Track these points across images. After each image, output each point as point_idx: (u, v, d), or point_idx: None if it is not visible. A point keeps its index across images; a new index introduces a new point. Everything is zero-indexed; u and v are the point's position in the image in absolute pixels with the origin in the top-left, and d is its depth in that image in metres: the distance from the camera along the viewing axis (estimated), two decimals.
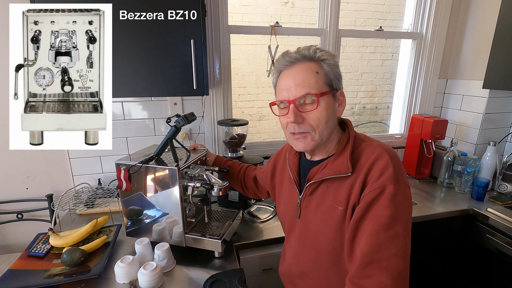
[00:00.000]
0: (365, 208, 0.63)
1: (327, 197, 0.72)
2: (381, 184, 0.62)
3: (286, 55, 0.72)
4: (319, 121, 0.69)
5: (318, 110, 0.68)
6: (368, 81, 3.75)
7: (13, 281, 0.86)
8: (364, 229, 0.62)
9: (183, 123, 0.97)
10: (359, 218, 0.64)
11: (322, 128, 0.70)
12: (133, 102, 1.44)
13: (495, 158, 1.53)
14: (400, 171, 0.65)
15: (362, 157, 0.69)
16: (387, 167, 0.64)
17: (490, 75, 1.49)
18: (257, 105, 3.49)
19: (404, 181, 0.65)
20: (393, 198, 0.61)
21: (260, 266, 1.14)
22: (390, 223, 0.59)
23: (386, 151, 0.67)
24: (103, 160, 1.47)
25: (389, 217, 0.60)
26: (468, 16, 1.71)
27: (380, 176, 0.63)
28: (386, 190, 0.62)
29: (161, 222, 1.00)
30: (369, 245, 0.60)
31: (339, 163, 0.70)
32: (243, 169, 1.14)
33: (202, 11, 1.10)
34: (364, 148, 0.71)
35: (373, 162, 0.66)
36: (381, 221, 0.60)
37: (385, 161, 0.65)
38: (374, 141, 0.73)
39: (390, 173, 0.63)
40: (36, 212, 1.43)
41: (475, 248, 1.43)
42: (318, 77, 0.68)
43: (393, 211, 0.60)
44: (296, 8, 3.28)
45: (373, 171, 0.65)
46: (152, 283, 0.84)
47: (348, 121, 0.78)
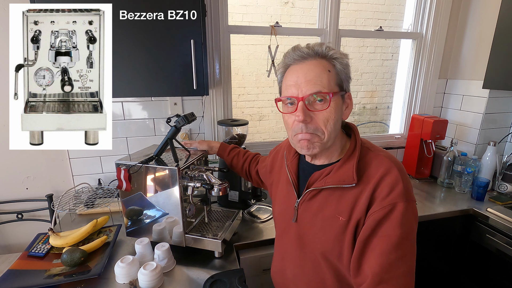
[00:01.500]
0: (374, 226, 0.61)
1: (329, 205, 0.69)
2: (391, 202, 0.60)
3: (297, 49, 0.67)
4: (327, 121, 0.65)
5: (328, 110, 0.64)
6: (368, 81, 3.75)
7: (13, 281, 0.86)
8: (373, 248, 0.61)
9: (183, 123, 0.97)
10: (367, 235, 0.61)
11: (330, 130, 0.66)
12: (133, 102, 1.44)
13: (495, 158, 1.53)
14: (409, 187, 0.63)
15: (369, 168, 0.66)
16: (397, 183, 0.62)
17: (490, 75, 1.49)
18: (257, 105, 3.49)
19: (412, 197, 0.63)
20: (403, 216, 0.59)
21: (260, 266, 1.14)
22: (400, 242, 0.59)
23: (395, 165, 0.65)
24: (103, 160, 1.47)
25: (399, 236, 0.59)
26: (468, 16, 1.71)
27: (389, 193, 0.61)
28: (396, 208, 0.60)
29: (161, 222, 1.00)
30: (379, 265, 0.59)
31: (344, 172, 0.67)
32: (247, 161, 1.12)
33: (202, 11, 1.10)
34: (371, 158, 0.67)
35: (382, 177, 0.63)
36: (391, 240, 0.59)
37: (395, 177, 0.62)
38: (381, 151, 0.70)
39: (400, 190, 0.61)
40: (36, 212, 1.43)
41: (475, 248, 1.43)
42: (330, 75, 0.65)
43: (403, 230, 0.59)
44: (296, 8, 3.28)
45: (381, 187, 0.62)
46: (152, 283, 0.84)
47: (353, 126, 0.75)
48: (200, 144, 1.13)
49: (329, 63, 0.66)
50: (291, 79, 0.66)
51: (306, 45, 0.68)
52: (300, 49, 0.67)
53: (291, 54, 0.67)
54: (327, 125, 0.65)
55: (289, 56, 0.68)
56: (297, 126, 0.66)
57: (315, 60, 0.65)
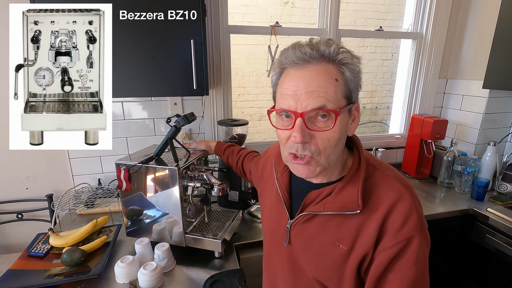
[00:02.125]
0: (387, 264, 0.52)
1: (327, 231, 0.59)
2: (407, 236, 0.51)
3: (298, 48, 0.53)
4: (328, 142, 0.53)
5: (332, 130, 0.52)
6: (368, 81, 3.75)
7: (13, 281, 0.86)
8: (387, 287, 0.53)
9: (183, 123, 0.97)
10: (380, 274, 0.53)
11: (329, 152, 0.54)
12: (133, 102, 1.44)
13: (495, 158, 1.53)
14: (422, 213, 0.55)
15: (376, 192, 0.56)
16: (411, 212, 0.53)
17: (490, 75, 1.49)
18: (257, 105, 3.49)
19: (425, 225, 0.55)
20: (419, 251, 0.51)
21: (260, 266, 1.13)
22: (416, 281, 0.51)
23: (407, 189, 0.56)
24: (103, 160, 1.47)
25: (415, 275, 0.51)
26: (468, 16, 1.71)
27: (403, 225, 0.52)
28: (412, 243, 0.51)
29: (161, 222, 1.00)
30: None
31: (346, 196, 0.56)
32: (240, 160, 1.06)
33: (202, 11, 1.10)
34: (378, 180, 0.57)
35: (393, 204, 0.53)
36: (407, 279, 0.51)
37: (408, 205, 0.53)
38: (389, 169, 0.60)
39: (415, 220, 0.52)
40: (36, 212, 1.43)
41: (475, 248, 1.43)
42: (337, 86, 0.52)
43: (420, 266, 0.52)
44: (296, 8, 3.28)
45: (393, 217, 0.53)
46: (152, 283, 0.84)
47: (356, 138, 0.62)
48: (198, 144, 1.13)
49: (337, 70, 0.52)
50: (289, 87, 0.53)
51: (309, 41, 0.54)
52: (302, 49, 0.52)
53: (290, 54, 0.53)
54: (327, 147, 0.53)
55: (288, 56, 0.54)
56: (293, 146, 0.54)
57: (320, 65, 0.52)
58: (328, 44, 0.53)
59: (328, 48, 0.52)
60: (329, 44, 0.53)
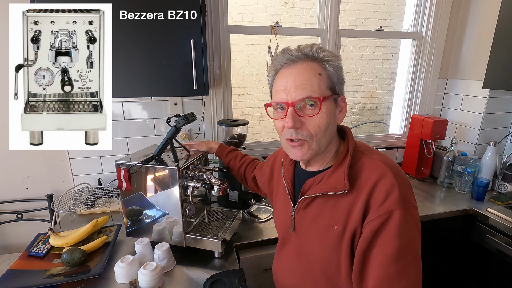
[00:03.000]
0: (371, 237, 0.58)
1: (323, 214, 0.67)
2: (387, 210, 0.57)
3: (286, 52, 0.64)
4: (318, 128, 0.62)
5: (319, 115, 0.62)
6: (368, 81, 3.75)
7: (13, 281, 0.86)
8: (372, 260, 0.58)
9: (183, 123, 0.97)
10: (365, 248, 0.58)
11: (320, 136, 0.63)
12: (133, 102, 1.44)
13: (495, 158, 1.53)
14: (407, 192, 0.60)
15: (362, 173, 0.63)
16: (392, 188, 0.58)
17: (490, 75, 1.49)
18: (257, 105, 3.49)
19: (411, 203, 0.60)
20: (401, 225, 0.56)
21: (260, 266, 1.14)
22: (399, 254, 0.55)
23: (390, 168, 0.61)
24: (103, 160, 1.47)
25: (397, 248, 0.55)
26: (468, 16, 1.71)
27: (385, 199, 0.58)
28: (393, 216, 0.56)
29: (161, 222, 1.00)
30: (379, 279, 0.56)
31: (335, 178, 0.65)
32: (243, 166, 1.10)
33: (202, 11, 1.10)
34: (365, 163, 0.64)
35: (376, 182, 0.60)
36: (389, 252, 0.55)
37: (390, 182, 0.59)
38: (377, 154, 0.67)
39: (396, 196, 0.57)
40: (36, 212, 1.43)
41: (475, 248, 1.43)
42: (321, 79, 0.62)
43: (402, 240, 0.56)
44: (296, 8, 3.28)
45: (376, 193, 0.59)
46: (152, 283, 0.84)
47: (347, 129, 0.72)
48: (199, 146, 1.13)
49: (319, 66, 0.63)
50: (281, 83, 0.64)
51: (297, 47, 0.65)
52: (289, 52, 0.64)
53: (280, 58, 0.65)
54: (318, 131, 0.63)
55: (279, 59, 0.65)
56: (287, 132, 0.64)
57: (305, 63, 0.63)
58: (311, 47, 0.64)
59: (311, 49, 0.63)
60: (312, 47, 0.64)
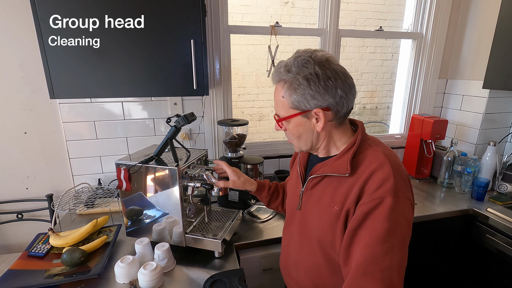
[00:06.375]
0: (362, 218, 0.62)
1: (326, 194, 0.73)
2: (380, 196, 0.62)
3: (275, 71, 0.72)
4: (291, 136, 0.76)
5: (288, 129, 0.74)
6: (368, 81, 3.75)
7: (13, 281, 0.86)
8: (360, 239, 0.62)
9: (183, 123, 0.97)
10: (355, 227, 0.63)
11: (296, 142, 0.77)
12: (133, 102, 1.44)
13: (495, 158, 1.53)
14: (402, 184, 0.64)
15: (364, 162, 0.68)
16: (387, 178, 0.63)
17: (490, 75, 1.49)
18: (257, 105, 3.49)
19: (404, 194, 0.63)
20: (391, 211, 0.60)
21: (260, 266, 1.14)
22: (386, 236, 0.59)
23: (390, 160, 0.66)
24: (103, 160, 1.47)
25: (385, 230, 0.59)
26: (468, 16, 1.71)
27: (379, 187, 0.62)
28: (384, 202, 0.61)
29: (161, 222, 1.00)
30: (364, 257, 0.60)
31: (340, 162, 0.71)
32: (284, 187, 1.05)
33: (202, 11, 1.10)
34: (369, 154, 0.69)
35: (373, 171, 0.65)
36: (377, 233, 0.60)
37: (386, 172, 0.63)
38: (382, 147, 0.71)
39: (390, 185, 0.62)
40: (36, 212, 1.43)
41: (475, 248, 1.43)
42: (283, 101, 0.71)
43: (390, 224, 0.60)
44: (296, 8, 3.28)
45: (371, 181, 0.64)
46: (152, 283, 0.84)
47: (360, 123, 0.77)
48: (242, 186, 0.98)
49: (282, 88, 0.70)
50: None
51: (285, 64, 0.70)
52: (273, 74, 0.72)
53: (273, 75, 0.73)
54: (292, 138, 0.77)
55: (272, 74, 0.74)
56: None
57: (277, 84, 0.72)
58: (286, 66, 0.69)
59: (279, 70, 0.70)
60: (285, 66, 0.69)
